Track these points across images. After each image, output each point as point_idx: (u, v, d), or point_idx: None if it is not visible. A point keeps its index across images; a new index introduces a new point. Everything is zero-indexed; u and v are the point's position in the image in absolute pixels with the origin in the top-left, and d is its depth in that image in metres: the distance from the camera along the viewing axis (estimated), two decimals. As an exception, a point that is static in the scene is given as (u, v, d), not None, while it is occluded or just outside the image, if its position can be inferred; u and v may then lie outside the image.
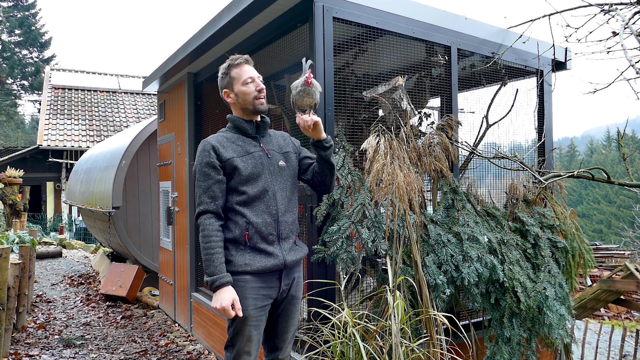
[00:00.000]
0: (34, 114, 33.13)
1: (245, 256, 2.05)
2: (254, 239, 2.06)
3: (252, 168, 2.09)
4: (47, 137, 15.05)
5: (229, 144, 2.12)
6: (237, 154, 2.10)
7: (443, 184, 2.93)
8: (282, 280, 2.14)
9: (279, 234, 2.11)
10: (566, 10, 3.16)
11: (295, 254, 2.17)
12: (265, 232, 2.07)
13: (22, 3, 29.07)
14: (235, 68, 2.16)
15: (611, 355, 5.03)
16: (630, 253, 8.82)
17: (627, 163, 3.00)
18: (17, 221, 11.41)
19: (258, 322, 2.08)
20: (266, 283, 2.09)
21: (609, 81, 4.97)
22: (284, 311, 2.21)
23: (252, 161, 2.11)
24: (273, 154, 2.19)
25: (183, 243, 4.71)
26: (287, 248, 2.13)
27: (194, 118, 4.56)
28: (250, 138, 2.19)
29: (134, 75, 19.61)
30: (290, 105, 2.27)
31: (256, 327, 2.07)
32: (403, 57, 3.23)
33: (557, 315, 2.75)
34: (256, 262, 2.04)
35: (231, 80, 2.17)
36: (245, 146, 2.14)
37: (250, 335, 2.06)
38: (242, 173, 2.07)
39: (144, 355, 4.21)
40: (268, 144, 2.21)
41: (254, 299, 2.05)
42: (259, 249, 2.06)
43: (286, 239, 2.15)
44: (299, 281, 2.24)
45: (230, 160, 2.07)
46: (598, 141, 44.34)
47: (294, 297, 2.21)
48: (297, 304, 2.24)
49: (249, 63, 2.19)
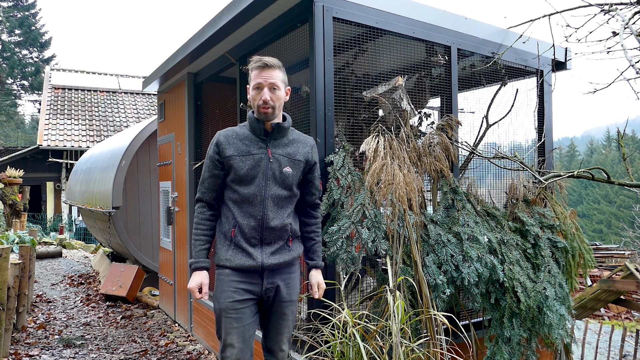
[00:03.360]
0: (34, 114, 33.15)
1: (229, 252, 2.16)
2: (238, 237, 2.15)
3: (248, 169, 2.12)
4: (47, 137, 15.05)
5: (236, 140, 2.17)
6: (237, 153, 2.14)
7: (443, 184, 2.93)
8: (263, 279, 2.17)
9: (262, 238, 2.15)
10: (566, 10, 3.16)
11: (279, 258, 2.16)
12: (248, 235, 2.13)
13: (22, 3, 29.05)
14: (254, 70, 2.14)
15: (611, 355, 5.03)
16: (630, 253, 8.82)
17: (627, 163, 3.00)
18: (17, 221, 11.41)
19: (239, 314, 2.13)
20: (247, 279, 2.15)
21: (609, 81, 4.98)
22: (276, 312, 2.21)
23: (250, 162, 2.12)
24: (279, 158, 2.16)
25: (183, 243, 4.71)
26: (268, 252, 2.15)
27: (194, 118, 4.56)
28: (260, 139, 2.18)
29: (134, 75, 19.61)
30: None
31: (237, 320, 2.13)
32: (403, 57, 3.23)
33: (557, 315, 2.75)
34: (236, 260, 2.14)
35: (249, 80, 2.18)
36: (250, 146, 2.15)
37: (230, 327, 2.13)
38: (237, 172, 2.12)
39: (144, 355, 4.21)
40: (278, 147, 2.18)
41: (232, 292, 2.13)
42: (241, 248, 2.15)
43: (270, 244, 2.16)
44: (290, 283, 2.21)
45: (229, 157, 2.14)
46: (598, 141, 44.35)
47: (285, 299, 2.20)
48: (291, 306, 2.22)
49: (268, 67, 2.11)
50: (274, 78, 2.11)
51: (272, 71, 2.12)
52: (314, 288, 2.26)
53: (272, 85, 2.11)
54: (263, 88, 2.10)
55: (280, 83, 2.14)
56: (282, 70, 2.17)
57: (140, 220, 6.93)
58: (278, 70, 2.14)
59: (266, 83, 2.10)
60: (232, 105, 3.90)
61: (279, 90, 2.13)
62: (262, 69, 2.11)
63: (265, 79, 2.10)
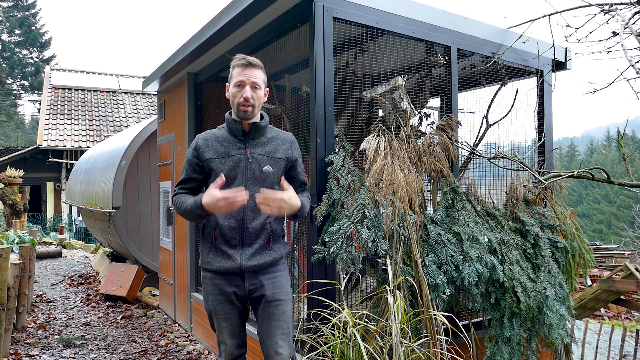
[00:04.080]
0: (34, 114, 33.15)
1: (210, 255, 2.18)
2: (218, 240, 2.16)
3: (227, 171, 2.13)
4: (47, 137, 15.05)
5: (215, 143, 2.19)
6: (217, 155, 2.16)
7: (443, 184, 2.93)
8: (245, 280, 2.17)
9: (242, 239, 2.14)
10: (566, 10, 3.15)
11: (259, 259, 2.14)
12: (228, 236, 2.14)
13: (22, 3, 29.06)
14: (236, 67, 2.16)
15: (611, 355, 5.03)
16: (630, 253, 8.82)
17: (627, 163, 3.00)
18: (17, 221, 11.41)
19: (226, 314, 2.19)
20: (228, 281, 2.18)
21: (609, 81, 4.98)
22: (264, 314, 2.18)
23: (230, 164, 2.14)
24: (258, 158, 2.16)
25: (183, 243, 4.71)
26: (248, 253, 2.13)
27: (194, 118, 4.56)
28: (238, 140, 2.19)
29: (134, 75, 19.61)
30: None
31: (226, 319, 2.20)
32: (403, 57, 3.23)
33: (557, 315, 2.75)
34: (215, 262, 2.16)
35: (230, 78, 2.20)
36: (228, 147, 2.17)
37: (220, 326, 2.21)
38: (216, 174, 2.13)
39: (144, 355, 4.21)
40: (257, 147, 2.18)
41: (217, 295, 2.19)
42: (221, 250, 2.16)
43: (251, 245, 2.15)
44: (276, 282, 2.19)
45: (209, 160, 2.16)
46: (598, 141, 44.35)
47: (273, 299, 2.17)
48: (281, 306, 2.18)
49: (252, 66, 2.13)
50: (256, 77, 2.14)
51: (255, 70, 2.14)
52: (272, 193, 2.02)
53: (254, 84, 2.13)
54: (245, 86, 2.12)
55: (262, 83, 2.17)
56: (263, 71, 2.20)
57: (140, 220, 6.93)
58: (260, 71, 2.17)
59: (248, 81, 2.12)
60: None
61: (260, 89, 2.16)
62: (245, 67, 2.13)
63: (248, 77, 2.12)
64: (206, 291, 2.22)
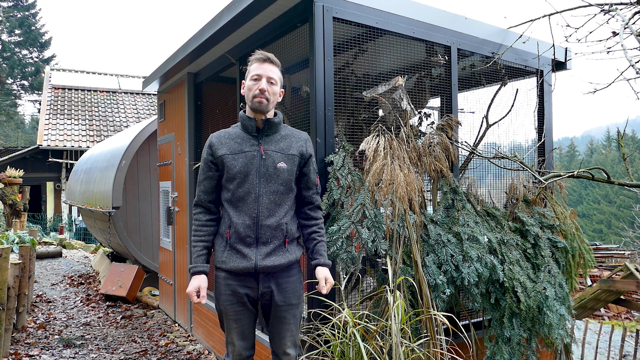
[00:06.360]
0: (34, 114, 33.14)
1: (224, 254, 2.17)
2: (233, 238, 2.14)
3: (240, 167, 2.12)
4: (47, 137, 15.05)
5: (228, 140, 2.19)
6: (230, 151, 2.16)
7: (443, 184, 2.93)
8: (259, 282, 2.16)
9: (257, 237, 2.12)
10: (566, 10, 3.15)
11: (274, 260, 2.12)
12: (243, 234, 2.12)
13: (22, 3, 29.04)
14: (254, 62, 2.17)
15: (611, 355, 5.03)
16: (630, 253, 8.82)
17: (627, 163, 3.00)
18: (17, 221, 11.41)
19: (237, 315, 2.18)
20: (242, 282, 2.17)
21: (609, 81, 4.98)
22: (275, 317, 2.20)
23: (243, 160, 2.13)
24: (271, 154, 2.15)
25: (183, 243, 4.71)
26: (263, 253, 2.11)
27: (194, 118, 4.56)
28: (252, 136, 2.19)
29: (134, 75, 19.60)
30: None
31: (236, 321, 2.19)
32: (403, 57, 3.23)
33: (557, 315, 2.75)
34: (230, 262, 2.15)
35: (247, 73, 2.20)
36: (242, 144, 2.17)
37: (230, 327, 2.20)
38: (230, 170, 2.14)
39: (144, 355, 4.21)
40: (270, 143, 2.18)
41: (229, 296, 2.18)
42: (236, 249, 2.14)
43: (266, 244, 2.12)
44: (288, 287, 2.18)
45: (222, 157, 2.16)
46: (598, 141, 44.34)
47: (284, 303, 2.17)
48: (291, 310, 2.19)
49: (269, 62, 2.16)
50: (273, 72, 2.16)
51: (272, 66, 2.17)
52: (321, 282, 2.14)
53: (271, 79, 2.15)
54: (261, 79, 2.14)
55: (278, 80, 2.19)
56: (280, 69, 2.22)
57: (140, 220, 6.93)
58: (277, 68, 2.20)
59: (265, 75, 2.14)
60: (232, 105, 3.90)
61: (276, 85, 2.17)
62: (263, 61, 2.16)
63: (265, 71, 2.14)
64: (218, 290, 2.21)
